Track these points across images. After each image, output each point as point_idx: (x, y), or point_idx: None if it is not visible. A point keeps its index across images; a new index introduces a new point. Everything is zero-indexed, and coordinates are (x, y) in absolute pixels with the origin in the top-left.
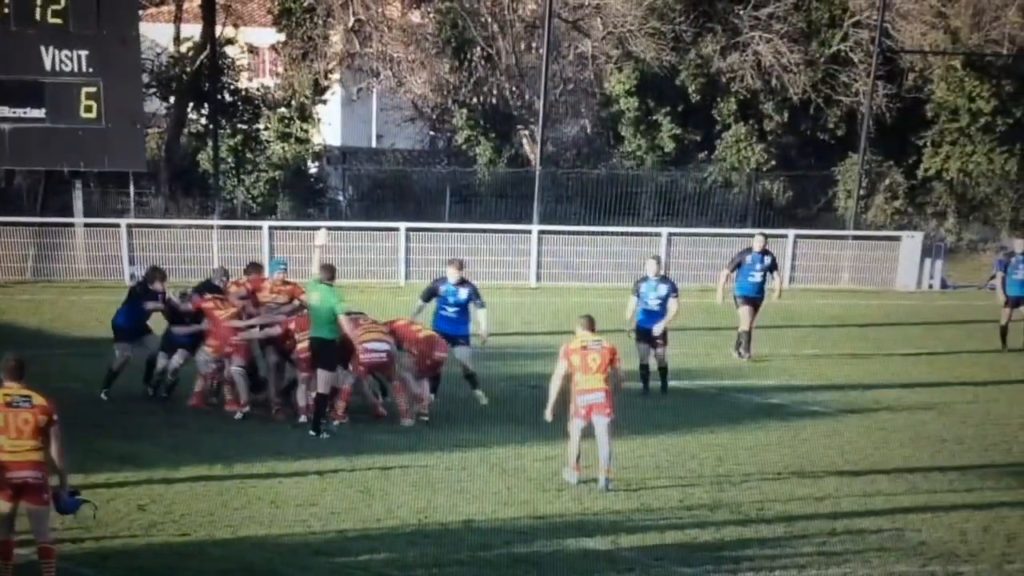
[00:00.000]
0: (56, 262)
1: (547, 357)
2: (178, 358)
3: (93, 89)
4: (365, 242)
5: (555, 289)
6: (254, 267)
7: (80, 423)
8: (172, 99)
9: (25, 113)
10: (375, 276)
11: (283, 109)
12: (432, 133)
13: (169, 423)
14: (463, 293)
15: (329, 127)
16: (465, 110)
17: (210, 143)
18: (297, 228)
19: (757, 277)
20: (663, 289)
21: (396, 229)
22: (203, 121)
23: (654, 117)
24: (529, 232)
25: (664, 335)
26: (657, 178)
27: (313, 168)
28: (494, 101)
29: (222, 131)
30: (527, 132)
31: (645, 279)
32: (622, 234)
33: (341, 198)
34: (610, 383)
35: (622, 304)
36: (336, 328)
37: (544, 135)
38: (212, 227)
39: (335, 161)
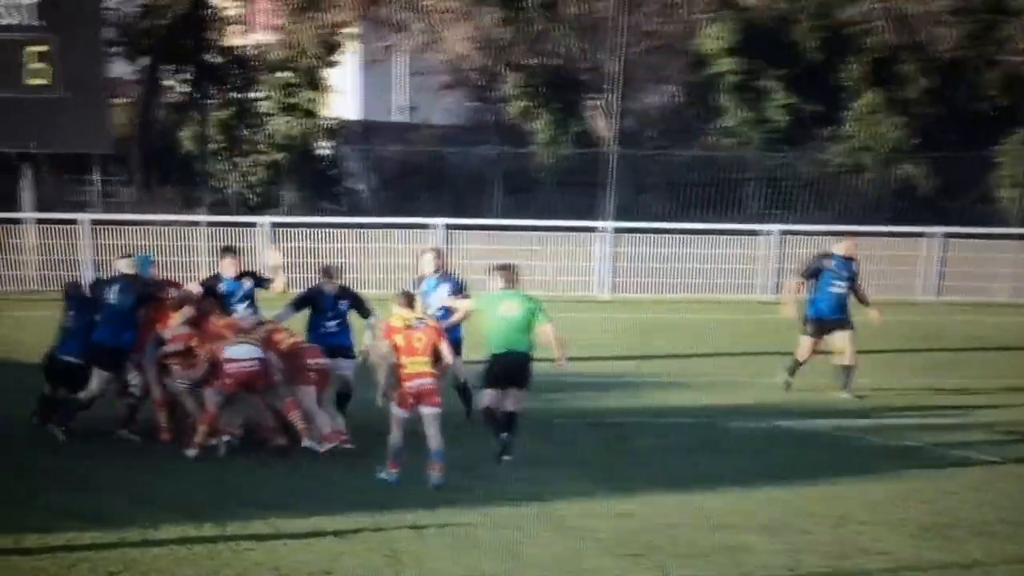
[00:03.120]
0: (0, 268)
1: (621, 388)
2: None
3: (43, 48)
4: (392, 242)
5: (632, 302)
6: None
7: (30, 472)
8: (145, 60)
9: None
10: (406, 285)
11: (286, 73)
12: (476, 104)
13: (142, 468)
14: (444, 289)
15: (346, 96)
16: (519, 74)
17: (195, 117)
18: (306, 226)
19: (840, 288)
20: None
21: (431, 226)
22: (185, 89)
23: (761, 82)
24: (600, 230)
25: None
26: (765, 161)
27: (326, 149)
28: (556, 63)
29: (209, 101)
30: (598, 103)
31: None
32: (719, 232)
33: (361, 187)
34: (437, 368)
35: (718, 321)
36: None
37: (620, 106)
38: (199, 224)
39: (354, 140)
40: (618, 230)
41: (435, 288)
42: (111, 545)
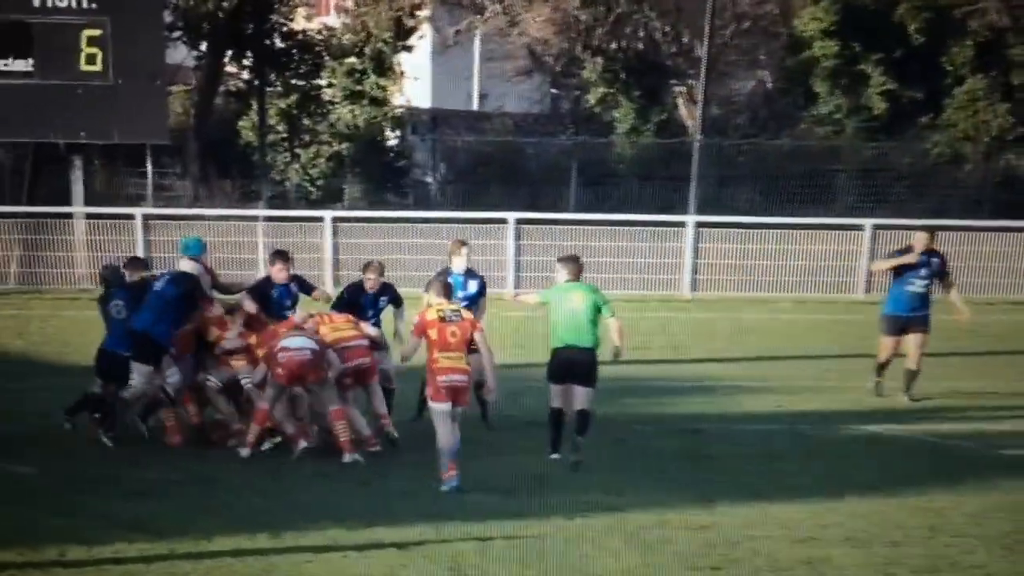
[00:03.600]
0: (49, 265)
1: (701, 392)
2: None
3: (97, 32)
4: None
5: (716, 302)
6: None
7: (76, 479)
8: (204, 46)
9: (5, 66)
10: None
11: (353, 59)
12: (554, 91)
13: (194, 475)
14: (472, 285)
15: (416, 83)
16: (600, 59)
17: (255, 106)
18: (370, 220)
19: (918, 287)
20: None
21: (503, 221)
22: (245, 76)
23: (860, 67)
24: (683, 225)
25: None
26: (860, 151)
27: (393, 139)
28: (640, 46)
29: (271, 89)
30: (683, 89)
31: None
32: (810, 227)
33: (430, 179)
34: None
35: (806, 322)
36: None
37: (708, 93)
38: (257, 219)
39: (423, 130)
40: (701, 225)
41: (463, 285)
42: (161, 557)
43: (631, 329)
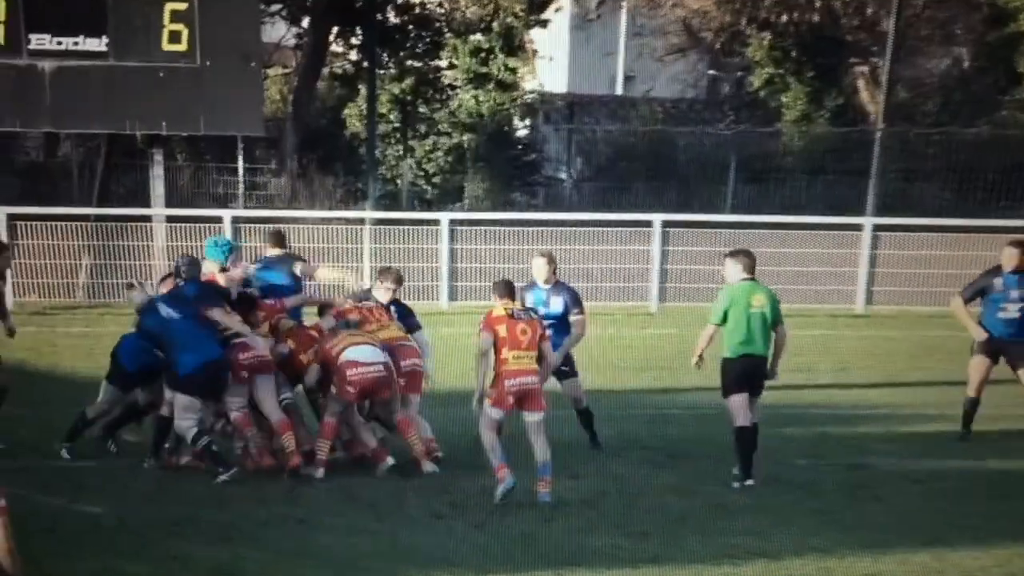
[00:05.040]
0: (122, 276)
1: (873, 421)
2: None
3: (183, 5)
4: (599, 243)
5: (894, 317)
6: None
7: (151, 518)
8: (306, 22)
9: (76, 45)
10: (616, 296)
11: (479, 36)
12: (712, 73)
13: (281, 514)
14: (556, 303)
15: (550, 64)
16: (767, 34)
17: (363, 91)
18: (494, 224)
19: (1011, 312)
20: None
21: (648, 224)
22: (353, 56)
23: None
24: (859, 228)
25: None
26: None
27: (522, 129)
28: (816, 19)
29: (382, 72)
30: (865, 69)
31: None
32: (1011, 231)
33: (563, 175)
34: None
35: None
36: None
37: (893, 73)
38: (363, 222)
39: (557, 119)
40: (880, 228)
41: (545, 301)
42: None
43: (794, 347)
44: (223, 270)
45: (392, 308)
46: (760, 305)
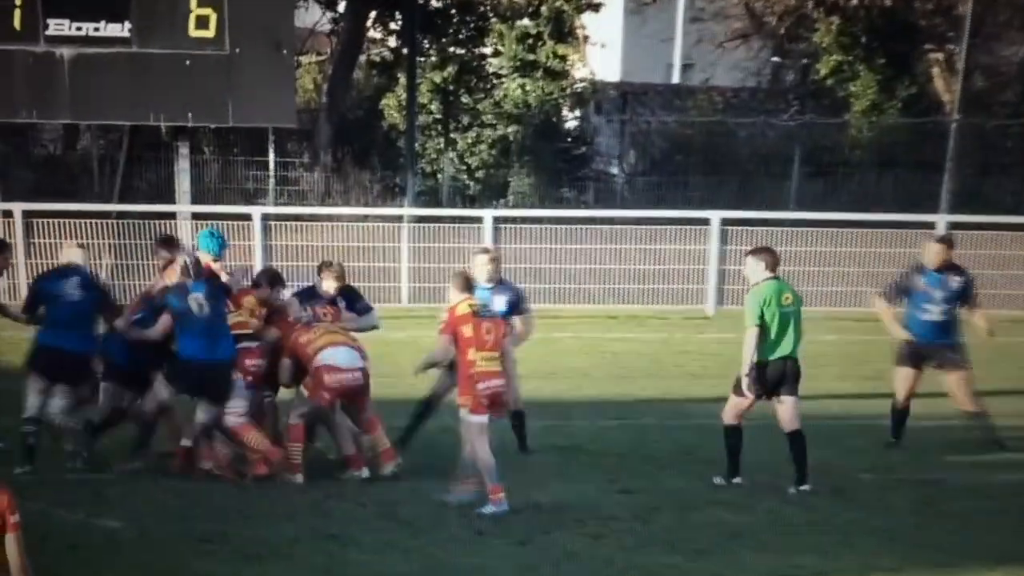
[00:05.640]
0: (145, 276)
1: (951, 434)
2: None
3: None
4: (653, 242)
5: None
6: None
7: (176, 533)
8: (342, 5)
9: (96, 31)
10: (671, 299)
11: (526, 21)
12: (776, 60)
13: (313, 530)
14: (500, 302)
15: (602, 51)
16: (836, 18)
17: (402, 80)
18: (540, 221)
19: (935, 314)
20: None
21: (705, 222)
22: (392, 43)
23: None
24: (932, 226)
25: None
26: None
27: (572, 120)
28: (888, 3)
29: (423, 59)
30: (940, 56)
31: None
32: None
33: (615, 170)
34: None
35: None
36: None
37: (970, 61)
38: (401, 220)
39: (610, 109)
40: (955, 226)
41: (488, 300)
42: None
43: (861, 354)
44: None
45: (340, 300)
46: (789, 303)
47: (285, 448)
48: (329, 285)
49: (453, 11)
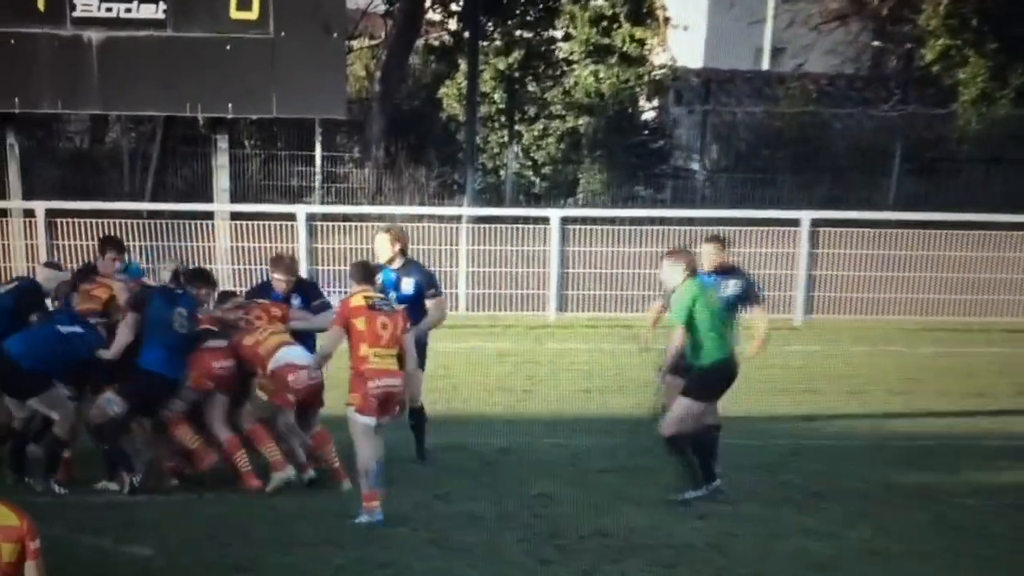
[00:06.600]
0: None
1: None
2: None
3: None
4: (737, 244)
5: None
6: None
7: (208, 562)
8: None
9: (128, 12)
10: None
11: (600, 2)
12: (877, 44)
13: (363, 559)
14: (407, 284)
15: (685, 35)
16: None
17: (463, 67)
18: (612, 221)
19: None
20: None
21: (795, 223)
22: (452, 26)
23: None
24: None
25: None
26: None
27: (650, 111)
28: None
29: (486, 44)
30: None
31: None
32: None
33: (696, 166)
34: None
35: None
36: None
37: None
38: (460, 220)
39: (691, 99)
40: None
41: (395, 283)
42: None
43: (966, 368)
44: None
45: (294, 297)
46: (716, 303)
47: (256, 452)
48: (279, 281)
49: None
